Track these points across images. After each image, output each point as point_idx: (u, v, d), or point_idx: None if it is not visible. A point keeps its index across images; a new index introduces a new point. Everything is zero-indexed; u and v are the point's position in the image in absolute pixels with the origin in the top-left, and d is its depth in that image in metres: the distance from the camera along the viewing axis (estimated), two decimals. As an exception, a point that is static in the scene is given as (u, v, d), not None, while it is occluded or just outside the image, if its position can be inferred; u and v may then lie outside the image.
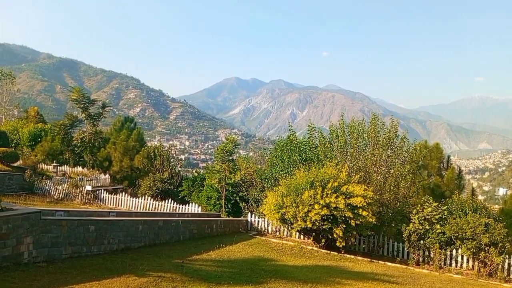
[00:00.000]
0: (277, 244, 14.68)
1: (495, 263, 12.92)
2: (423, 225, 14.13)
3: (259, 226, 17.41)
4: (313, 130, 18.93)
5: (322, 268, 11.36)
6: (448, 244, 14.00)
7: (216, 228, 15.53)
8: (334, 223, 13.17)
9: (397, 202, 16.56)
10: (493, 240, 13.04)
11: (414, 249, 14.22)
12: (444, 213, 14.43)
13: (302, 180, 14.06)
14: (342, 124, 17.76)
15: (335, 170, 14.37)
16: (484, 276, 12.93)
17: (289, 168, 17.42)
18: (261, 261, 11.39)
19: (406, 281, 10.83)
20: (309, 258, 12.93)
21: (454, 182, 23.92)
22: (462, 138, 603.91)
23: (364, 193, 13.40)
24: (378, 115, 18.63)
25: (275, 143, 20.63)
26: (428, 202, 14.76)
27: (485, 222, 13.39)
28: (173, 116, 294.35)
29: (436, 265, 13.56)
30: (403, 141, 17.23)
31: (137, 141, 33.13)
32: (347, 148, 17.31)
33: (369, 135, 17.11)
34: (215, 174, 21.16)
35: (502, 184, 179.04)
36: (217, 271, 9.38)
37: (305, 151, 18.04)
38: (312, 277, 9.78)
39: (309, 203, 13.18)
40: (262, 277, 9.12)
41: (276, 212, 14.06)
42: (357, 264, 12.73)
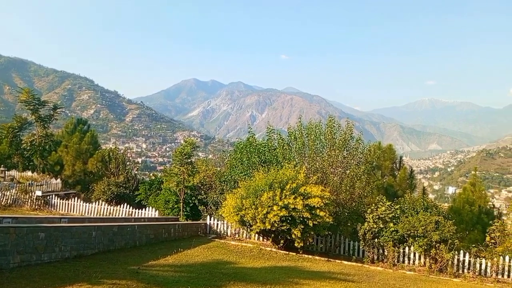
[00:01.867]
0: (236, 246, 14.65)
1: (445, 259, 13.58)
2: (377, 223, 14.61)
3: (218, 229, 17.31)
4: (272, 132, 19.10)
5: (281, 269, 11.46)
6: (401, 242, 14.55)
7: (174, 232, 15.28)
8: (292, 224, 13.33)
9: (352, 202, 17.02)
10: (443, 237, 13.70)
11: (369, 247, 14.67)
12: (397, 212, 14.99)
13: (261, 182, 14.13)
14: (300, 126, 18.05)
15: (293, 171, 14.56)
16: (435, 272, 13.54)
17: (249, 170, 17.46)
18: (220, 264, 11.32)
19: (362, 279, 11.15)
20: (268, 259, 13.01)
21: (406, 182, 24.95)
22: (414, 139, 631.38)
23: (321, 193, 13.66)
24: (335, 118, 19.09)
25: (235, 145, 20.63)
26: (382, 201, 15.28)
27: (435, 220, 14.04)
28: (129, 118, 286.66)
29: (390, 263, 14.06)
30: (358, 142, 17.76)
31: (90, 144, 32.00)
32: (305, 150, 17.61)
33: (326, 137, 17.49)
34: (173, 177, 20.81)
35: (451, 183, 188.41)
36: (175, 276, 9.22)
37: (264, 153, 18.16)
38: (270, 278, 9.84)
39: (268, 205, 13.26)
40: (221, 281, 9.06)
41: (235, 214, 14.04)
42: (314, 264, 12.95)
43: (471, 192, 22.79)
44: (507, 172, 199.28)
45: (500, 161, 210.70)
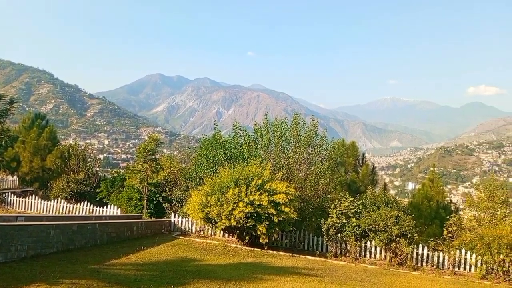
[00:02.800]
0: (201, 243, 14.52)
1: (405, 253, 14.00)
2: (341, 219, 14.89)
3: (183, 226, 17.10)
4: (238, 128, 19.04)
5: (246, 265, 11.46)
6: (363, 237, 14.90)
7: (136, 230, 14.95)
8: (258, 220, 13.35)
9: (317, 197, 17.28)
10: (403, 232, 14.13)
11: (332, 242, 14.93)
12: (359, 207, 15.33)
13: (227, 178, 14.06)
14: (266, 123, 18.09)
15: (259, 168, 14.57)
16: (395, 265, 13.95)
17: (214, 167, 17.33)
18: (184, 262, 11.18)
19: (325, 273, 11.34)
20: (233, 256, 12.98)
21: (368, 178, 25.58)
22: (376, 136, 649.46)
23: (286, 190, 13.75)
24: (300, 115, 19.26)
25: (201, 142, 20.39)
26: (345, 197, 15.58)
27: (395, 214, 14.46)
28: (91, 113, 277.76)
29: (352, 257, 14.36)
30: (323, 139, 17.99)
31: (49, 139, 30.74)
32: (270, 147, 17.66)
33: (291, 134, 17.62)
34: (136, 174, 20.35)
35: (411, 179, 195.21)
36: (137, 274, 9.02)
37: (230, 149, 18.06)
38: (235, 275, 9.82)
39: (234, 201, 13.21)
40: (185, 278, 8.95)
41: (200, 211, 13.90)
42: (279, 260, 13.04)
43: (429, 188, 23.64)
44: (464, 168, 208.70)
45: (457, 158, 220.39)
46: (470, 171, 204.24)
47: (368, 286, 10.33)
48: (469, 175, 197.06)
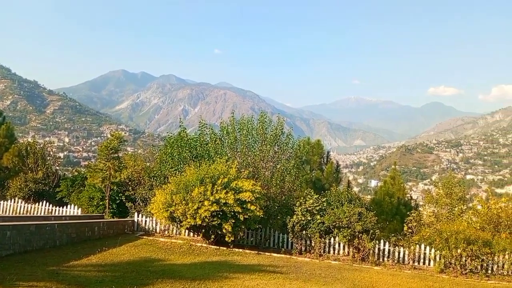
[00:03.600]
0: (166, 243, 14.29)
1: (367, 249, 14.34)
2: (305, 216, 15.06)
3: (147, 226, 16.78)
4: (204, 126, 18.88)
5: (211, 264, 11.38)
6: (327, 233, 15.14)
7: (98, 230, 14.52)
8: (223, 218, 13.28)
9: (282, 195, 17.40)
10: (365, 228, 14.47)
11: (297, 239, 15.08)
12: (324, 204, 15.55)
13: (192, 177, 13.91)
14: (233, 121, 18.04)
15: (225, 166, 14.51)
16: (358, 260, 14.27)
17: (179, 165, 17.10)
18: (148, 262, 10.97)
19: (290, 270, 11.44)
20: (198, 255, 12.86)
21: (333, 176, 26.05)
22: (340, 135, 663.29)
23: (252, 188, 13.76)
24: (267, 113, 19.36)
25: (166, 140, 20.05)
26: (310, 194, 15.76)
27: (358, 211, 14.77)
28: (51, 110, 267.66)
29: (316, 253, 14.56)
30: (289, 138, 18.16)
31: (6, 137, 29.35)
32: (237, 145, 17.64)
33: (258, 132, 17.66)
34: (98, 173, 19.77)
35: (374, 177, 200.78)
36: (98, 276, 8.77)
37: (195, 147, 17.88)
38: (200, 274, 9.74)
39: (199, 200, 13.09)
40: (148, 279, 8.79)
41: (164, 210, 13.67)
42: (245, 258, 13.04)
43: (391, 185, 24.36)
44: (424, 166, 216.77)
45: (418, 156, 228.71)
46: (430, 169, 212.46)
47: (331, 282, 10.51)
48: (428, 173, 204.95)
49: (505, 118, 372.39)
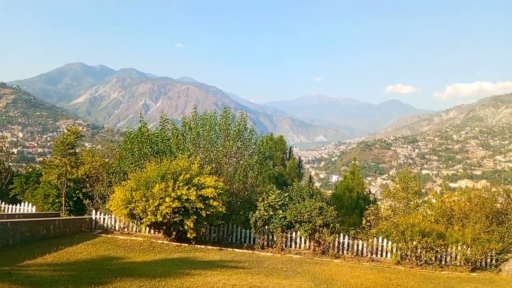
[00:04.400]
0: (125, 241, 13.96)
1: (327, 242, 14.65)
2: (268, 211, 15.17)
3: (105, 223, 16.31)
4: (166, 121, 18.52)
5: (172, 261, 11.23)
6: (289, 228, 15.32)
7: (54, 228, 13.96)
8: (185, 215, 13.12)
9: (245, 191, 17.43)
10: (325, 222, 14.76)
11: (259, 234, 15.16)
12: (286, 199, 15.72)
13: (153, 173, 13.63)
14: (195, 116, 17.83)
15: (187, 162, 14.32)
16: (319, 254, 14.54)
17: (140, 161, 16.70)
18: (106, 261, 10.66)
19: (252, 265, 11.48)
20: (159, 252, 12.65)
21: (295, 171, 26.36)
22: (303, 131, 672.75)
23: (215, 184, 13.67)
24: (230, 109, 19.25)
25: (125, 135, 19.51)
26: (272, 189, 15.89)
27: (319, 205, 15.04)
28: (3, 104, 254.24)
29: (278, 248, 14.71)
30: (252, 133, 18.17)
31: (-47, 132, 27.68)
32: (199, 140, 17.46)
33: (220, 128, 17.55)
34: (53, 169, 18.99)
35: (335, 172, 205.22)
36: (54, 275, 8.44)
37: (157, 143, 17.52)
38: (161, 271, 9.58)
39: (160, 196, 12.86)
40: (107, 277, 8.55)
41: (124, 207, 13.33)
42: (207, 254, 12.96)
43: (350, 180, 24.97)
44: (382, 161, 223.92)
45: (376, 152, 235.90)
46: (388, 164, 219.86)
47: (292, 275, 10.64)
48: (386, 168, 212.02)
49: (458, 115, 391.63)
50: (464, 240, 14.29)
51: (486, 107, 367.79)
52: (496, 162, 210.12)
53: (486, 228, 15.13)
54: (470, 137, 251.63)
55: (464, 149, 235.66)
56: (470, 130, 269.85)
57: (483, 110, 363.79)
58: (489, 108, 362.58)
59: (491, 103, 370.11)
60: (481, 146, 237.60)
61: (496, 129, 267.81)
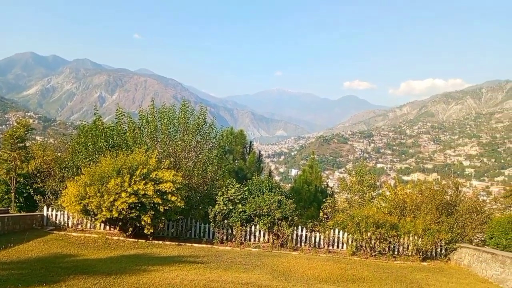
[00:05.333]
0: (79, 238, 13.51)
1: (286, 235, 14.86)
2: (227, 205, 15.17)
3: (58, 220, 15.68)
4: (122, 114, 18.00)
5: (128, 258, 10.99)
6: (248, 221, 15.40)
7: (2, 226, 13.26)
8: (142, 210, 12.85)
9: (205, 185, 17.30)
10: (284, 215, 14.96)
11: (219, 228, 15.14)
12: (245, 193, 15.78)
13: (108, 168, 13.21)
14: (153, 109, 17.44)
15: (144, 156, 14.01)
16: (278, 247, 14.73)
17: (94, 156, 16.14)
18: (59, 258, 10.28)
19: (211, 260, 11.46)
20: (115, 249, 12.34)
21: (255, 165, 26.47)
22: (263, 125, 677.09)
23: (173, 178, 13.47)
24: (189, 102, 19.01)
25: (79, 129, 18.79)
26: (232, 184, 15.89)
27: (278, 199, 15.22)
28: None
29: (238, 242, 14.75)
30: (211, 127, 18.04)
31: None
32: (157, 134, 17.11)
33: (179, 121, 17.28)
34: (2, 164, 18.04)
35: (294, 166, 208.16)
36: (3, 274, 8.04)
37: (112, 137, 17.00)
38: (116, 268, 9.37)
39: (116, 192, 12.51)
40: (59, 275, 8.25)
41: (77, 203, 12.85)
42: (165, 249, 12.79)
43: (309, 174, 25.44)
44: (339, 155, 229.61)
45: (334, 146, 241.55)
46: (345, 158, 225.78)
47: (251, 268, 10.72)
48: (344, 162, 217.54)
49: (411, 111, 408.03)
50: (416, 231, 14.93)
51: (437, 103, 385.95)
52: (446, 156, 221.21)
53: (436, 219, 15.85)
54: (422, 132, 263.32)
55: (417, 144, 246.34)
56: (422, 125, 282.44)
57: (435, 106, 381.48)
58: (440, 104, 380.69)
59: (442, 100, 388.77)
60: (432, 140, 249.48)
61: (446, 124, 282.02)
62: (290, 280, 9.72)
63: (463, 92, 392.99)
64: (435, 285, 10.79)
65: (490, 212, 16.68)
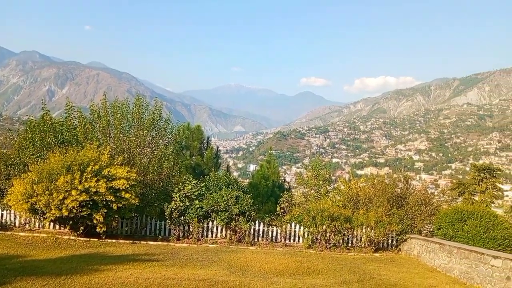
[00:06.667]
0: (27, 238, 12.86)
1: (243, 230, 14.89)
2: (184, 202, 14.98)
3: (4, 219, 14.82)
4: (72, 109, 17.25)
5: (80, 257, 10.59)
6: (206, 217, 15.28)
7: None
8: (94, 208, 12.40)
9: (160, 182, 16.97)
10: (242, 210, 14.98)
11: (175, 225, 14.91)
12: (203, 189, 15.64)
13: (57, 164, 12.63)
14: (105, 103, 16.85)
15: (96, 152, 13.52)
16: (235, 242, 14.74)
17: (42, 152, 15.38)
18: (5, 260, 9.73)
19: (167, 257, 11.28)
20: (65, 248, 11.85)
21: (212, 161, 26.31)
22: (221, 121, 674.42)
23: (127, 175, 13.10)
24: (144, 97, 18.54)
25: (26, 124, 17.81)
26: (189, 180, 15.69)
27: (236, 194, 15.21)
28: None
29: (194, 238, 14.61)
30: (167, 123, 17.72)
31: None
32: (110, 129, 16.55)
33: (133, 116, 16.82)
34: None
35: (252, 161, 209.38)
36: None
37: (62, 132, 16.27)
38: (67, 268, 9.02)
39: (66, 189, 11.99)
40: (5, 277, 7.86)
41: (24, 202, 12.21)
42: (118, 248, 12.44)
43: (267, 169, 25.66)
44: (297, 151, 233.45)
45: (291, 142, 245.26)
46: (302, 153, 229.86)
47: (208, 264, 10.67)
48: (301, 157, 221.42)
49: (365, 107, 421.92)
50: (368, 223, 15.45)
51: (389, 100, 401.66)
52: (397, 151, 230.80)
53: (387, 212, 16.47)
54: (375, 128, 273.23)
55: (370, 139, 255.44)
56: (375, 121, 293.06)
57: (387, 103, 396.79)
58: (392, 101, 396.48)
59: (394, 97, 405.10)
60: (384, 136, 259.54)
61: (397, 120, 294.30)
62: (247, 275, 9.75)
63: (413, 90, 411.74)
64: (386, 275, 11.22)
65: (438, 204, 17.48)
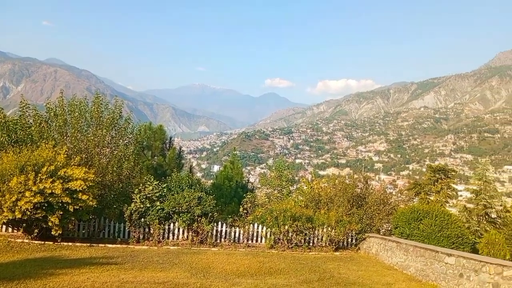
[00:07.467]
0: (-25, 242, 12.18)
1: (205, 231, 14.75)
2: (144, 203, 14.66)
3: (-51, 224, 13.98)
4: (26, 107, 16.50)
5: (34, 261, 10.15)
6: (167, 219, 15.02)
7: None
8: (49, 210, 11.92)
9: (120, 183, 16.54)
10: (204, 211, 14.85)
11: (135, 227, 14.54)
12: (164, 191, 15.37)
13: (10, 164, 12.05)
14: (62, 101, 16.23)
15: (52, 152, 12.99)
16: (197, 244, 14.57)
17: (-6, 151, 14.63)
18: None
19: (125, 260, 11.01)
20: (18, 252, 11.31)
21: (175, 161, 25.93)
22: (185, 121, 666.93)
23: (85, 176, 12.68)
24: (104, 95, 18.04)
25: (-24, 122, 16.87)
26: (150, 181, 15.38)
27: (198, 195, 15.06)
28: None
29: (155, 240, 14.32)
30: (128, 122, 17.29)
31: None
32: (67, 128, 15.94)
33: (92, 115, 16.30)
34: None
35: (216, 162, 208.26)
36: None
37: (15, 131, 15.53)
38: (20, 273, 8.63)
39: (19, 191, 11.46)
40: None
41: (-27, 204, 11.57)
42: (75, 251, 12.00)
43: (230, 169, 25.60)
44: (261, 151, 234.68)
45: (256, 142, 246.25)
46: (266, 154, 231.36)
47: (169, 267, 10.51)
48: (265, 157, 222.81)
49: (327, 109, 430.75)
50: (329, 223, 15.75)
51: (350, 102, 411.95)
52: (358, 152, 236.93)
53: (347, 211, 16.86)
54: (337, 129, 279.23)
55: (332, 140, 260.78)
56: (337, 123, 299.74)
57: (348, 105, 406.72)
58: (353, 104, 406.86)
59: (355, 99, 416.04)
60: (346, 137, 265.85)
61: (358, 122, 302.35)
62: (208, 277, 9.69)
63: (374, 93, 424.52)
64: (345, 273, 11.48)
65: (396, 204, 18.08)
